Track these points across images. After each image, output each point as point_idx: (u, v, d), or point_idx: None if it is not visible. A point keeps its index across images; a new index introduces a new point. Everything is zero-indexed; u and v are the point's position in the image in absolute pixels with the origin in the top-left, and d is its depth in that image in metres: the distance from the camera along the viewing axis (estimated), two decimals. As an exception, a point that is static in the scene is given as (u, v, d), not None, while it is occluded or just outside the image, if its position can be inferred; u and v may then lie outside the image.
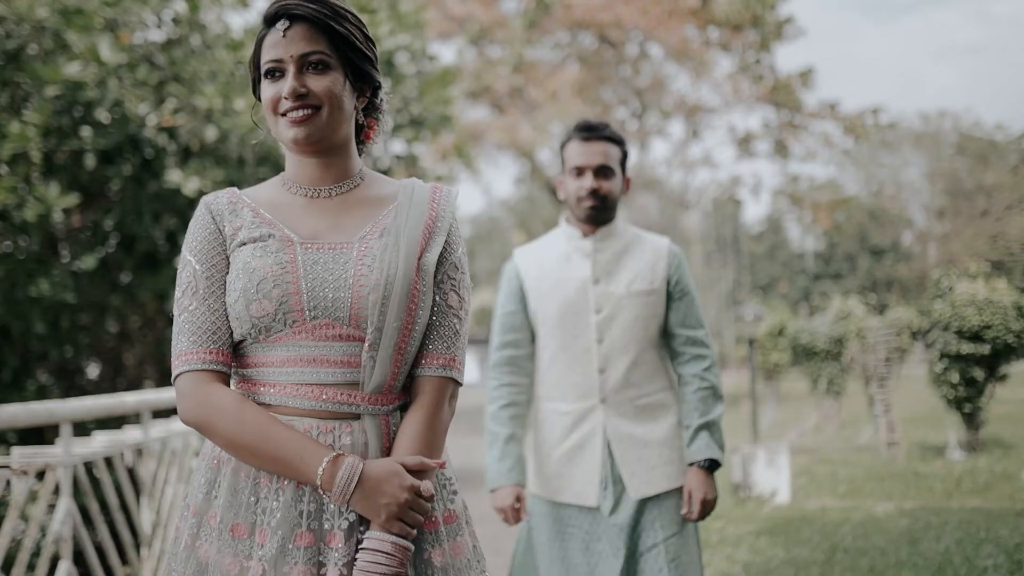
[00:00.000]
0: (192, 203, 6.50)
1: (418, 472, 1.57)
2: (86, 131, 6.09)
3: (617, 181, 2.94)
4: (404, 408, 1.66)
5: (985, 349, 10.59)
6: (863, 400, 14.45)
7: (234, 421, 1.55)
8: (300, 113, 1.63)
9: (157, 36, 6.44)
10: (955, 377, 10.76)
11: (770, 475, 8.63)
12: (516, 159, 23.83)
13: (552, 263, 2.97)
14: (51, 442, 6.86)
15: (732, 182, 28.81)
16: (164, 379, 8.39)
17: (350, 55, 1.68)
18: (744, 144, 25.53)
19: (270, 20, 1.67)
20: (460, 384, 1.71)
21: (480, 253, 43.87)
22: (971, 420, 11.04)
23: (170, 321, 7.51)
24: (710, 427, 2.85)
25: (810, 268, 51.24)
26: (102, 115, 6.01)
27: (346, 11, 1.69)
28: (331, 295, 1.59)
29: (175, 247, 6.52)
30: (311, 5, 1.64)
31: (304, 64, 1.64)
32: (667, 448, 2.87)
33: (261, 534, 1.53)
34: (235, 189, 1.75)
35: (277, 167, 6.76)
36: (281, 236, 1.64)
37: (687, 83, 25.19)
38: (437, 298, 1.68)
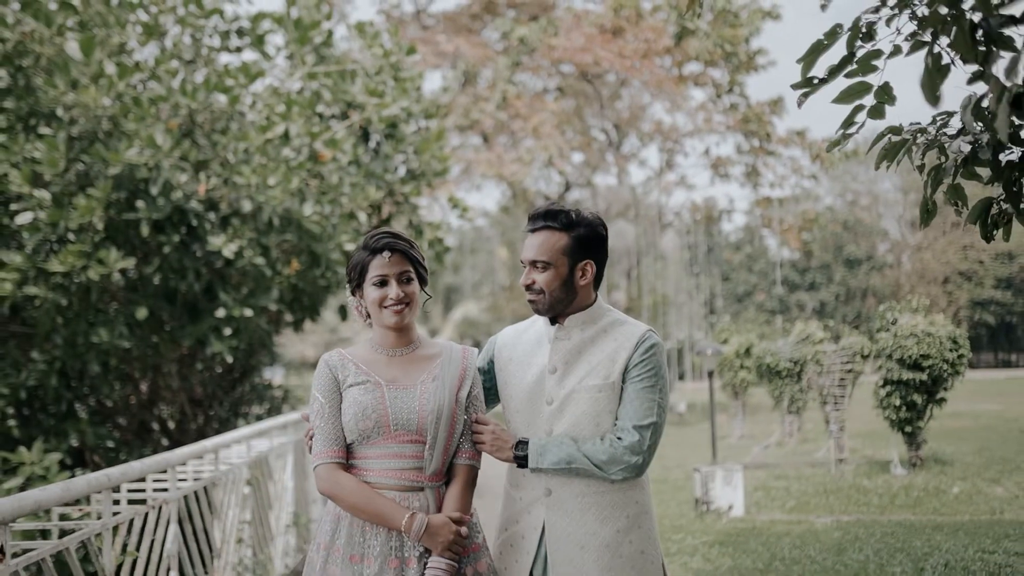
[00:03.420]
0: (229, 263, 7.61)
1: (458, 522, 2.68)
2: (140, 204, 7.17)
3: (554, 272, 2.78)
4: (447, 482, 2.78)
5: (924, 376, 11.81)
6: (823, 417, 15.66)
7: (351, 492, 2.66)
8: (399, 307, 2.76)
9: (200, 118, 7.50)
10: (897, 401, 11.97)
11: (727, 492, 9.79)
12: (499, 183, 25.08)
13: (525, 347, 2.95)
14: (89, 463, 7.98)
15: (707, 205, 30.08)
16: (195, 406, 9.47)
17: (419, 269, 2.82)
18: (718, 168, 26.84)
19: (378, 250, 2.78)
20: (479, 467, 2.83)
21: (463, 265, 44.74)
22: (912, 440, 12.25)
23: (191, 356, 8.60)
24: (573, 446, 2.73)
25: (784, 280, 52.41)
26: (154, 191, 7.08)
27: (413, 242, 2.82)
28: (406, 417, 2.71)
29: (214, 299, 7.62)
30: (401, 242, 2.78)
31: (400, 278, 2.77)
32: (608, 553, 2.73)
33: (368, 561, 2.65)
34: (341, 350, 2.87)
35: (299, 231, 7.86)
36: (374, 381, 2.76)
37: (662, 110, 26.51)
38: (465, 417, 2.81)
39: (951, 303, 48.37)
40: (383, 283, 2.76)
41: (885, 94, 2.84)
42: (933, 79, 2.17)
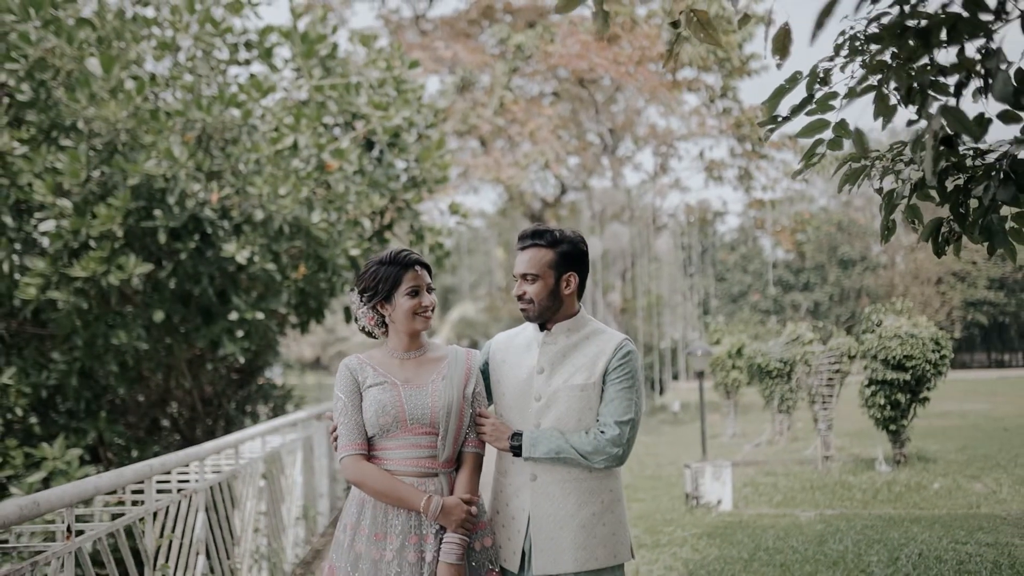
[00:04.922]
0: (241, 268, 8.00)
1: (468, 502, 3.08)
2: (157, 212, 7.55)
3: (542, 283, 3.16)
4: (456, 468, 3.17)
5: (907, 376, 12.21)
6: (812, 415, 16.08)
7: (374, 480, 3.05)
8: (428, 314, 3.17)
9: (213, 130, 7.88)
10: (882, 400, 12.37)
11: (716, 487, 10.19)
12: (496, 187, 25.53)
13: (516, 350, 3.32)
14: (103, 459, 8.33)
15: (702, 207, 30.52)
16: (205, 404, 9.84)
17: (433, 282, 3.22)
18: (711, 171, 27.28)
19: (410, 264, 3.17)
20: (483, 455, 3.22)
21: (461, 266, 45.09)
22: (896, 438, 12.66)
23: (201, 356, 8.98)
24: (561, 438, 3.09)
25: (778, 280, 52.67)
26: (171, 200, 7.47)
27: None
28: (420, 412, 3.10)
29: (227, 303, 8.01)
30: (423, 259, 3.19)
31: (428, 289, 3.17)
32: (584, 533, 3.11)
33: (390, 538, 3.04)
34: (359, 355, 3.26)
35: (307, 237, 8.25)
36: (391, 382, 3.15)
37: (656, 115, 26.97)
38: (471, 410, 3.20)
39: (944, 303, 48.69)
40: (416, 293, 3.15)
41: (842, 129, 3.23)
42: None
